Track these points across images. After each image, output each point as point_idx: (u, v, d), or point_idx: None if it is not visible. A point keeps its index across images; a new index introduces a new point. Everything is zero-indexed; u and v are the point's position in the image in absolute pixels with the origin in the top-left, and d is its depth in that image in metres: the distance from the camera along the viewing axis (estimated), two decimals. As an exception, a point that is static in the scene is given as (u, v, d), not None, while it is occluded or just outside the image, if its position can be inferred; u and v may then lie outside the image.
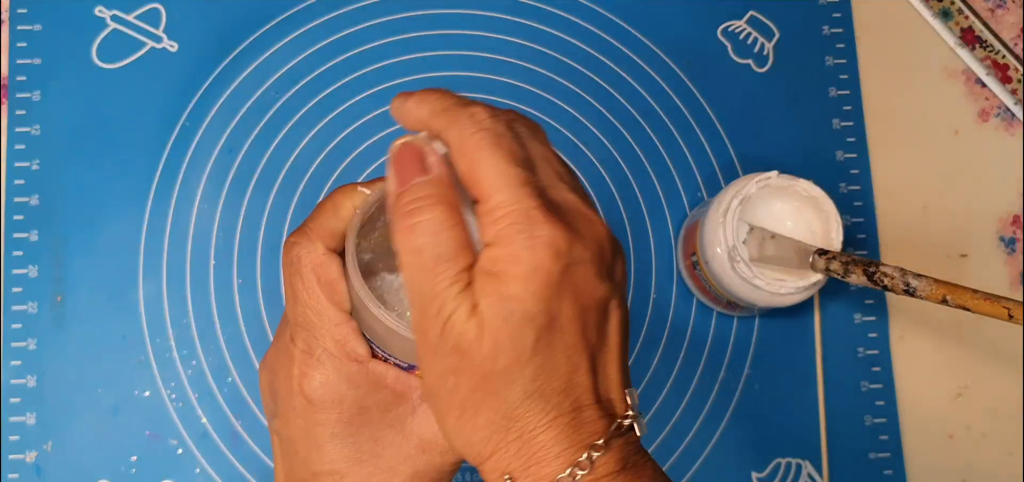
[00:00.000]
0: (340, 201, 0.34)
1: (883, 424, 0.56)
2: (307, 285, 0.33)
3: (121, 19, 0.57)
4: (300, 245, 0.33)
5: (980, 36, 0.62)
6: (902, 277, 0.45)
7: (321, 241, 0.33)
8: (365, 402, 0.33)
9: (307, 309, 0.33)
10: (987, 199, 0.60)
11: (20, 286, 0.54)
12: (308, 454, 0.33)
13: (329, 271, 0.33)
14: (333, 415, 0.33)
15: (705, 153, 0.59)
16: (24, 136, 0.55)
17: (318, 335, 0.33)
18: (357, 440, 0.33)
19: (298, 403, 0.33)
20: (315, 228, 0.33)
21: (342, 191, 0.34)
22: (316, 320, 0.33)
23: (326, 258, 0.33)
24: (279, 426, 0.35)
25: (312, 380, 0.33)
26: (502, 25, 0.59)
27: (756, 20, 0.61)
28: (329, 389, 0.33)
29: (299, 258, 0.33)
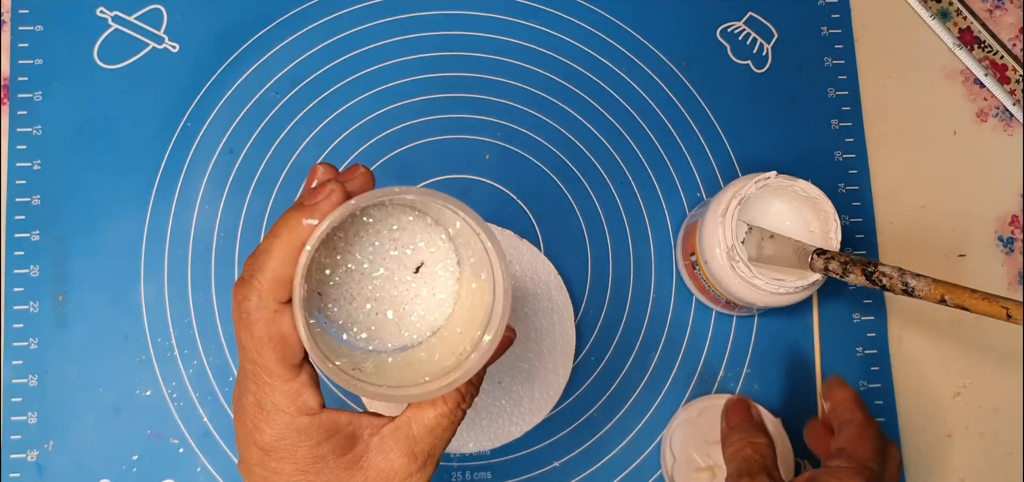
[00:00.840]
0: (290, 243, 0.31)
1: (882, 423, 0.57)
2: (257, 343, 0.32)
3: (122, 20, 0.57)
4: (249, 301, 0.31)
5: (978, 37, 0.62)
6: (900, 277, 0.45)
7: (272, 296, 0.31)
8: (320, 450, 0.33)
9: (256, 366, 0.32)
10: (985, 199, 0.60)
11: (21, 286, 0.54)
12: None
13: (280, 327, 0.32)
14: (288, 466, 0.32)
15: (704, 153, 0.59)
16: (26, 136, 0.56)
17: (267, 391, 0.32)
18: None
19: (254, 453, 0.33)
20: (266, 284, 0.31)
21: (289, 229, 0.31)
22: (266, 377, 0.32)
23: (277, 315, 0.32)
24: (243, 471, 0.34)
25: (263, 434, 0.32)
26: (502, 26, 0.59)
27: (755, 21, 0.61)
28: (283, 442, 0.32)
29: (248, 314, 0.31)
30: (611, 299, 0.57)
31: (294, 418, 0.32)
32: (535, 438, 0.54)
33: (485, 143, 0.58)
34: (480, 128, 0.58)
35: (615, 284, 0.57)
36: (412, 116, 0.58)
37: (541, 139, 0.58)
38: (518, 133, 0.58)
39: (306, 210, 0.31)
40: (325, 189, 0.32)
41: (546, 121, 0.58)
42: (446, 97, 0.58)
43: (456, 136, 0.58)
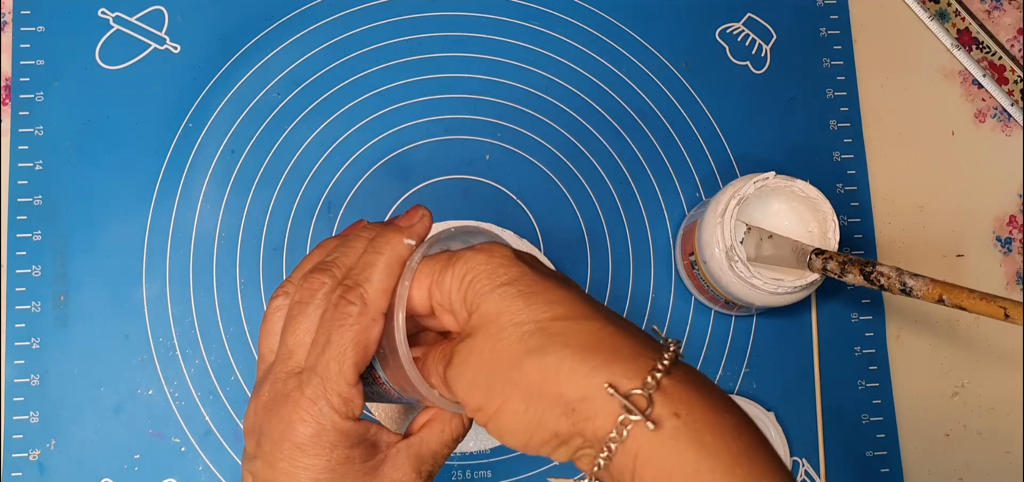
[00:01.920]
0: (394, 259, 0.35)
1: (880, 423, 0.57)
2: (344, 345, 0.34)
3: (124, 21, 0.58)
4: (354, 305, 0.35)
5: (977, 37, 0.62)
6: (899, 277, 0.45)
7: (375, 306, 0.35)
8: (352, 453, 0.35)
9: (331, 364, 0.34)
10: (983, 199, 0.60)
11: (23, 286, 0.54)
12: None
13: (370, 335, 0.35)
14: (320, 462, 0.34)
15: (703, 154, 0.59)
16: (28, 137, 0.56)
17: (329, 391, 0.34)
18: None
19: (286, 448, 0.35)
20: (371, 293, 0.35)
21: (392, 247, 0.36)
22: (336, 376, 0.34)
23: (372, 324, 0.35)
24: (259, 468, 0.36)
25: (305, 428, 0.34)
26: (502, 27, 0.59)
27: (754, 22, 0.61)
28: (322, 439, 0.34)
29: (350, 316, 0.34)
30: (610, 299, 0.57)
31: (342, 420, 0.35)
32: (535, 437, 0.55)
33: (485, 143, 0.58)
34: (480, 128, 0.58)
35: (614, 284, 0.57)
36: (413, 116, 0.58)
37: (541, 139, 0.58)
38: (518, 133, 0.58)
39: (405, 231, 0.36)
40: (417, 213, 0.37)
41: (546, 121, 0.58)
42: (446, 97, 0.58)
43: (456, 136, 0.58)
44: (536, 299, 0.33)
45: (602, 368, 0.31)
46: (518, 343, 0.32)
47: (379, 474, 0.36)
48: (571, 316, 0.32)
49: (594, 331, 0.32)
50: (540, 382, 0.32)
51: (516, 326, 0.32)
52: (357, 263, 0.36)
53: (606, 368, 0.31)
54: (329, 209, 0.56)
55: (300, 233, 0.56)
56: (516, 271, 0.33)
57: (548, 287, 0.33)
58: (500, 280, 0.33)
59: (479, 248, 0.34)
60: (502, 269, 0.33)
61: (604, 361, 0.31)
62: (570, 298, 0.33)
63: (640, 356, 0.32)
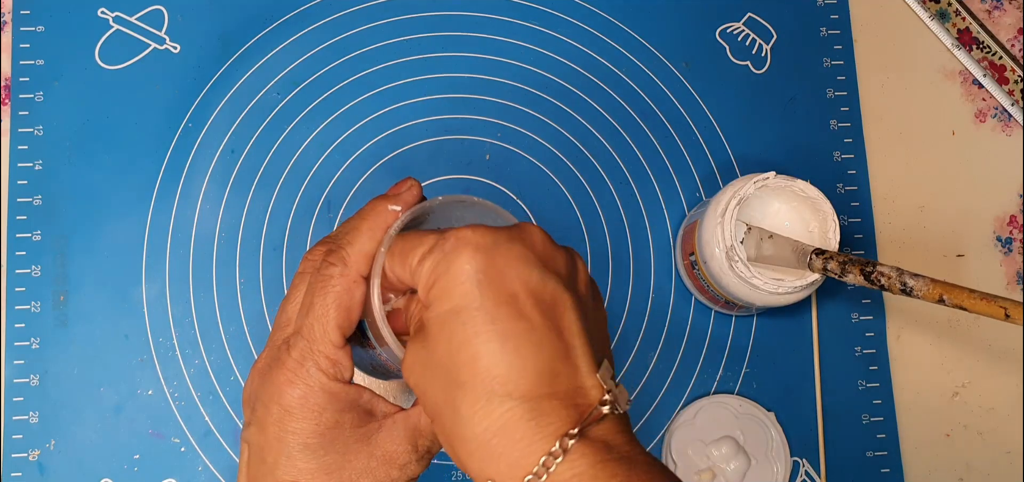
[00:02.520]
0: (376, 223, 0.36)
1: (880, 423, 0.57)
2: (326, 305, 0.35)
3: (124, 20, 0.58)
4: (334, 267, 0.35)
5: (977, 37, 0.62)
6: (899, 277, 0.45)
7: (355, 268, 0.35)
8: (342, 417, 0.35)
9: (316, 324, 0.35)
10: (984, 199, 0.60)
11: (23, 285, 0.54)
12: (276, 462, 0.35)
13: (352, 296, 0.35)
14: (309, 425, 0.35)
15: (703, 153, 0.59)
16: (27, 136, 0.56)
17: (316, 350, 0.35)
18: (327, 453, 0.35)
19: (275, 411, 0.35)
20: (352, 255, 0.35)
21: (377, 213, 0.36)
22: (320, 337, 0.35)
23: (354, 286, 0.35)
24: (252, 434, 0.36)
25: (294, 391, 0.35)
26: (502, 27, 0.59)
27: (754, 22, 0.61)
28: (309, 401, 0.35)
29: (331, 278, 0.35)
30: (611, 299, 0.57)
31: (330, 382, 0.35)
32: (535, 437, 0.55)
33: (485, 143, 0.58)
34: (480, 128, 0.58)
35: (614, 284, 0.57)
36: (413, 116, 0.58)
37: (541, 139, 0.58)
38: (518, 133, 0.58)
39: (391, 199, 0.37)
40: (406, 183, 0.37)
41: (546, 121, 0.58)
42: (446, 97, 0.58)
43: (456, 136, 0.58)
44: (462, 350, 0.31)
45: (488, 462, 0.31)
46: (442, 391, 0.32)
47: (372, 442, 0.35)
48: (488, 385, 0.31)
49: (502, 415, 0.31)
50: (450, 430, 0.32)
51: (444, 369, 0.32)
52: (343, 227, 0.37)
53: (492, 464, 0.31)
54: (329, 209, 0.56)
55: (300, 233, 0.56)
56: (469, 298, 0.31)
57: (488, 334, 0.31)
58: (451, 303, 0.32)
59: (452, 250, 0.32)
60: (458, 288, 0.32)
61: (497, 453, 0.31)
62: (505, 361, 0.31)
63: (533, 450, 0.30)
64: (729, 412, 0.55)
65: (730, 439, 0.54)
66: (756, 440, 0.55)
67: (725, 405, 0.55)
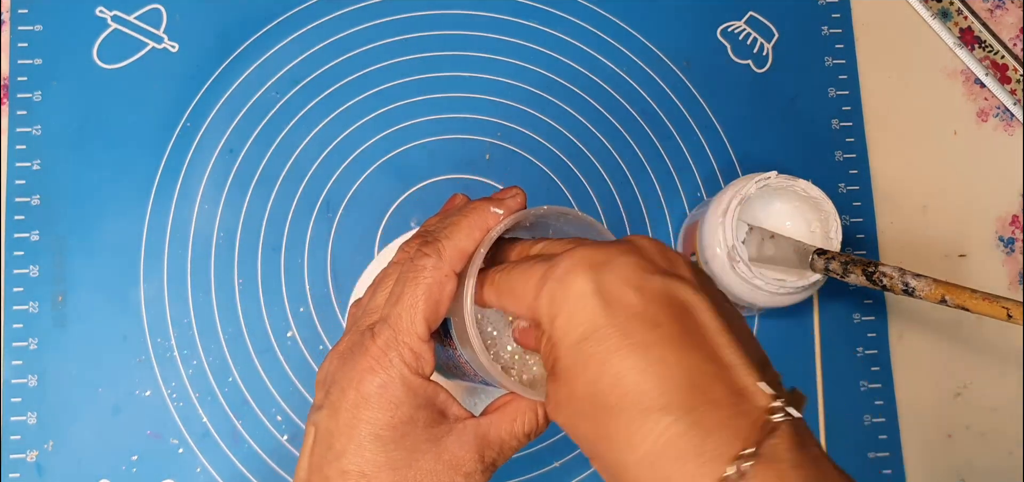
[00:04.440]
0: (476, 223, 0.35)
1: (882, 423, 0.57)
2: (415, 298, 0.34)
3: (122, 19, 0.57)
4: (429, 258, 0.35)
5: (979, 36, 0.62)
6: (901, 277, 0.45)
7: (450, 263, 0.35)
8: (417, 414, 0.34)
9: (404, 314, 0.34)
10: (986, 199, 0.60)
11: (21, 286, 0.54)
12: (344, 449, 0.34)
13: (442, 291, 0.35)
14: (384, 416, 0.34)
15: (704, 153, 0.59)
16: (25, 136, 0.55)
17: (401, 340, 0.34)
18: (397, 447, 0.34)
19: (351, 396, 0.34)
20: (448, 249, 0.35)
21: (479, 212, 0.36)
22: (407, 327, 0.34)
23: (446, 280, 0.35)
24: (322, 417, 0.35)
25: (374, 379, 0.34)
26: (502, 26, 0.59)
27: (755, 21, 0.61)
28: (388, 391, 0.34)
29: (424, 269, 0.35)
30: (611, 299, 0.57)
31: (411, 375, 0.34)
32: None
33: (485, 143, 0.58)
34: (480, 128, 0.58)
35: (615, 284, 0.57)
36: (412, 116, 0.58)
37: (541, 139, 0.58)
38: (518, 133, 0.58)
39: (495, 202, 0.36)
40: (512, 190, 0.37)
41: (546, 121, 0.58)
42: (446, 97, 0.58)
43: (456, 136, 0.58)
44: (603, 375, 0.30)
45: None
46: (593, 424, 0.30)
47: (441, 444, 0.35)
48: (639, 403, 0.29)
49: (662, 432, 0.28)
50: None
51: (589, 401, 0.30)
52: (443, 222, 0.36)
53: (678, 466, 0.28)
54: (328, 209, 0.56)
55: (299, 233, 0.56)
56: (597, 319, 0.30)
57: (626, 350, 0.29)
58: (579, 330, 0.30)
59: (566, 274, 0.31)
60: (582, 313, 0.30)
61: (664, 475, 0.28)
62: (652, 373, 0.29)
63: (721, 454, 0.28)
64: None
65: None
66: None
67: None
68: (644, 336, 0.29)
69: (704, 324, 0.30)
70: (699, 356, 0.29)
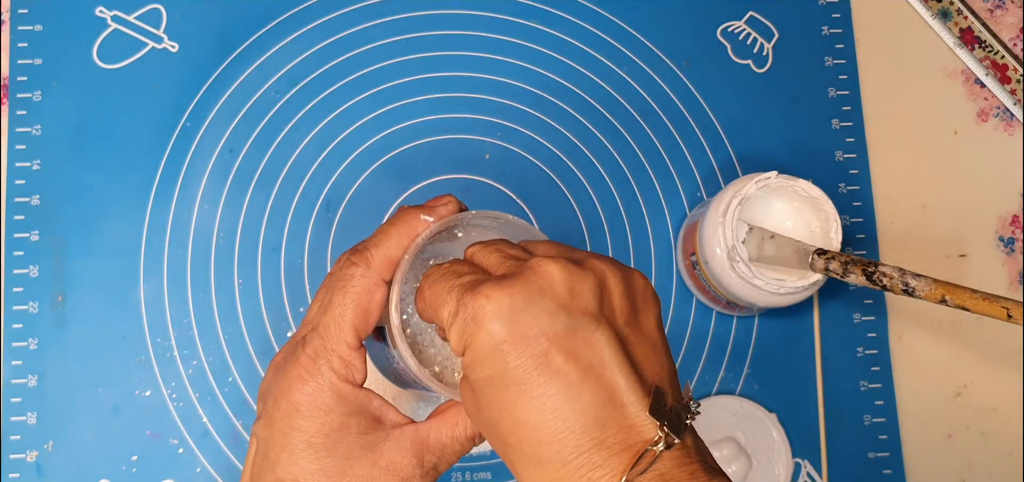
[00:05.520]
0: (405, 231, 0.36)
1: (882, 424, 0.57)
2: (345, 306, 0.35)
3: (122, 19, 0.57)
4: (359, 268, 0.35)
5: (979, 36, 0.62)
6: (901, 277, 0.45)
7: (378, 271, 0.35)
8: (348, 421, 0.35)
9: (331, 324, 0.35)
10: (986, 199, 0.60)
11: (21, 286, 0.54)
12: (278, 458, 0.35)
13: (371, 299, 0.35)
14: (314, 424, 0.34)
15: (704, 153, 0.59)
16: (25, 136, 0.55)
17: (330, 348, 0.35)
18: (330, 455, 0.34)
19: (284, 406, 0.35)
20: (376, 258, 0.35)
21: (407, 221, 0.36)
22: (335, 336, 0.35)
23: (374, 288, 0.35)
24: (260, 427, 0.36)
25: (304, 388, 0.35)
26: (502, 26, 0.59)
27: (755, 20, 0.61)
28: (317, 400, 0.34)
29: (352, 278, 0.35)
30: (611, 299, 0.57)
31: (340, 382, 0.35)
32: (535, 438, 0.54)
33: (485, 143, 0.58)
34: (480, 128, 0.58)
35: (615, 284, 0.57)
36: (412, 116, 0.58)
37: (541, 139, 0.58)
38: (518, 133, 0.58)
39: (425, 209, 0.37)
40: (444, 198, 0.37)
41: (546, 121, 0.58)
42: (446, 97, 0.58)
43: (456, 136, 0.58)
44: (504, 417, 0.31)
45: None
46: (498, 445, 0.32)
47: (377, 450, 0.35)
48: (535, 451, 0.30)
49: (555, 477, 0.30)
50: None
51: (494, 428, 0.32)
52: (373, 234, 0.37)
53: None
54: (327, 209, 0.56)
55: (298, 233, 0.56)
56: (499, 368, 0.31)
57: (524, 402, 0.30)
58: (484, 372, 0.31)
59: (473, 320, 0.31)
60: (486, 360, 0.31)
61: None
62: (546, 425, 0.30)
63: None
64: (730, 413, 0.55)
65: (732, 440, 0.54)
66: (758, 441, 0.55)
67: (726, 406, 0.55)
68: (544, 387, 0.30)
69: (604, 361, 0.31)
70: (596, 399, 0.30)
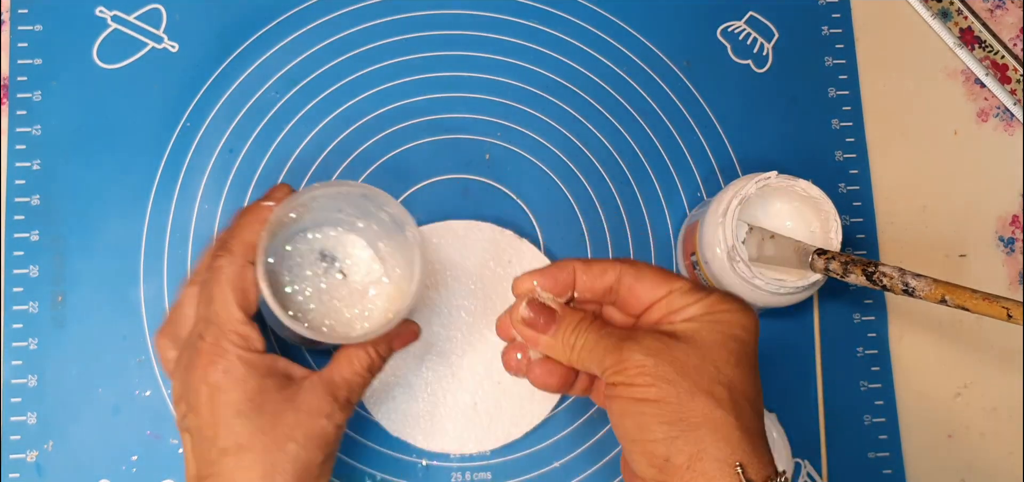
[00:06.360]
0: (255, 218, 0.42)
1: (882, 424, 0.57)
2: (224, 292, 0.40)
3: (122, 19, 0.57)
4: (223, 258, 0.41)
5: (979, 36, 0.62)
6: (901, 277, 0.45)
7: (241, 256, 0.41)
8: (264, 383, 0.40)
9: (220, 310, 0.40)
10: (986, 199, 0.60)
11: (21, 286, 0.54)
12: (215, 434, 0.39)
13: (244, 280, 0.41)
14: (236, 394, 0.39)
15: (704, 153, 0.59)
16: (25, 136, 0.55)
17: (225, 331, 0.40)
18: (259, 415, 0.39)
19: (205, 390, 0.40)
20: (237, 247, 0.41)
21: (254, 210, 0.42)
22: (226, 320, 0.40)
23: (243, 271, 0.41)
24: (189, 421, 0.41)
25: (216, 369, 0.40)
26: (502, 26, 0.59)
27: (755, 21, 0.61)
28: (232, 374, 0.39)
29: (221, 268, 0.41)
30: (611, 299, 0.57)
31: (245, 352, 0.40)
32: (535, 438, 0.54)
33: (485, 143, 0.58)
34: (480, 128, 0.58)
35: (615, 284, 0.57)
36: (412, 116, 0.58)
37: (541, 139, 0.58)
38: (518, 133, 0.58)
39: (266, 199, 0.43)
40: (278, 188, 0.44)
41: (546, 121, 0.58)
42: (446, 97, 0.58)
43: (456, 136, 0.58)
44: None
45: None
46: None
47: (297, 400, 0.40)
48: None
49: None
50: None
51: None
52: (223, 234, 0.43)
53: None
54: (328, 209, 0.56)
55: (299, 233, 0.56)
56: (655, 394, 0.36)
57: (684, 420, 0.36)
58: (636, 394, 0.37)
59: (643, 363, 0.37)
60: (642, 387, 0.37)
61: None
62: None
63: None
64: None
65: None
66: None
67: None
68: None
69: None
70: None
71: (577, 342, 0.39)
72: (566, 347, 0.40)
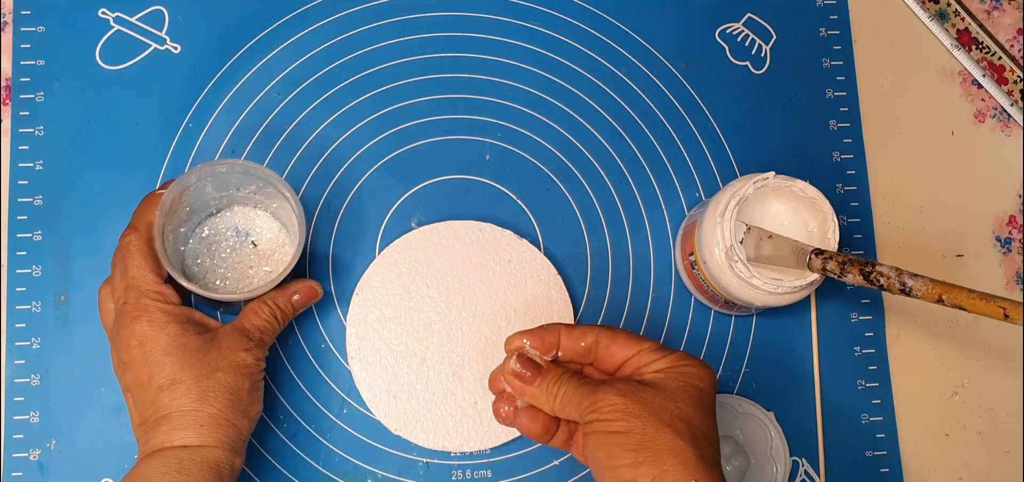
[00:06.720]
0: (152, 202, 0.48)
1: (880, 423, 0.57)
2: (136, 260, 0.46)
3: (124, 21, 0.58)
4: (131, 236, 0.47)
5: (976, 38, 0.62)
6: (898, 277, 0.45)
7: (147, 233, 0.47)
8: (185, 328, 0.46)
9: (137, 275, 0.46)
10: (983, 199, 0.60)
11: (24, 286, 0.54)
12: (151, 377, 0.45)
13: (151, 249, 0.47)
14: (163, 337, 0.45)
15: (703, 154, 0.59)
16: (28, 137, 0.56)
17: (144, 291, 0.46)
18: (185, 352, 0.45)
19: (135, 343, 0.45)
20: (142, 224, 0.47)
21: (153, 195, 0.48)
22: (143, 283, 0.46)
23: (149, 244, 0.47)
24: (128, 379, 0.46)
25: (141, 320, 0.45)
26: (502, 27, 0.59)
27: (753, 22, 0.61)
28: (155, 322, 0.45)
29: (130, 243, 0.47)
30: (610, 299, 0.57)
31: (164, 305, 0.46)
32: (535, 437, 0.55)
33: (485, 143, 0.58)
34: (480, 128, 0.58)
35: (614, 284, 0.57)
36: (413, 117, 0.58)
37: (541, 139, 0.58)
38: (518, 133, 0.58)
39: (161, 187, 0.49)
40: (168, 183, 0.48)
41: (546, 121, 0.58)
42: (446, 98, 0.58)
43: (456, 136, 0.58)
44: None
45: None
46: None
47: (216, 341, 0.46)
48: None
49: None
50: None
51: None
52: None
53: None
54: (328, 209, 0.56)
55: (300, 233, 0.56)
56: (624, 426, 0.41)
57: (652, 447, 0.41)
58: (609, 428, 0.41)
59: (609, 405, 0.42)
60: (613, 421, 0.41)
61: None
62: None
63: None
64: (729, 412, 0.55)
65: (730, 439, 0.55)
66: (756, 440, 0.55)
67: (725, 405, 0.55)
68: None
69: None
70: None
71: (559, 391, 0.44)
72: (550, 397, 0.44)
